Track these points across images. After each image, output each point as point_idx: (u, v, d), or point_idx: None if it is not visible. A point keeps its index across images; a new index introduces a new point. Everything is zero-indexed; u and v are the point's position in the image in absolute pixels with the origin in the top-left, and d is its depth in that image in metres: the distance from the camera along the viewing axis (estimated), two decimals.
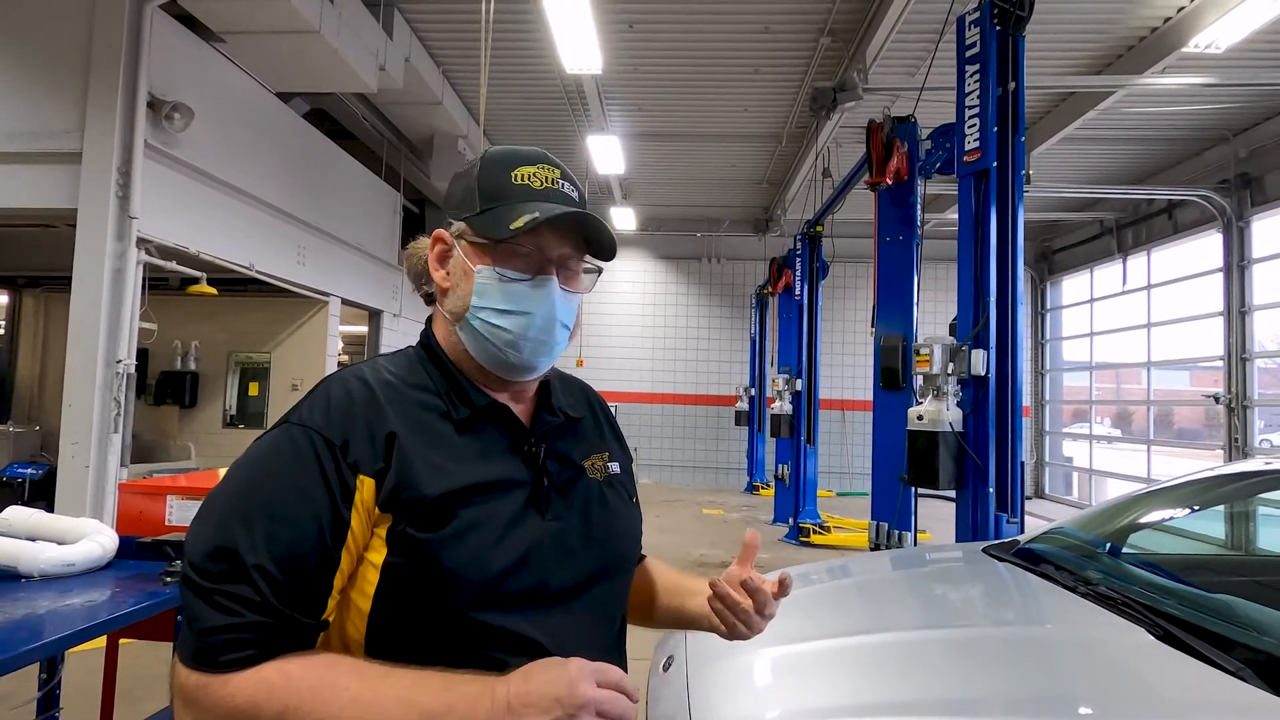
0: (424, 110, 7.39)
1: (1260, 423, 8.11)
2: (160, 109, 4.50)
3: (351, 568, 0.76)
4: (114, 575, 1.96)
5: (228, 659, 0.68)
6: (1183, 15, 5.69)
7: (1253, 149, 7.76)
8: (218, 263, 5.24)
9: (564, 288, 0.87)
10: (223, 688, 0.68)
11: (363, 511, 0.75)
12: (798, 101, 7.46)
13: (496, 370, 0.87)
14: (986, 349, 3.55)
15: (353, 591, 0.76)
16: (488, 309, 0.84)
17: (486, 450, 0.83)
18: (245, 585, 0.70)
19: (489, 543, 0.77)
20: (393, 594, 0.75)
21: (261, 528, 0.72)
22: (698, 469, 12.41)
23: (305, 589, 0.72)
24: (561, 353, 0.90)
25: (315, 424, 0.78)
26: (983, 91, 3.59)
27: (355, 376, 0.84)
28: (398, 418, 0.80)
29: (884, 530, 4.56)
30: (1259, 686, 1.21)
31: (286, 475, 0.75)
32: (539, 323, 0.84)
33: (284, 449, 0.77)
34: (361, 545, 0.76)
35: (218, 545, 0.71)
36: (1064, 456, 11.96)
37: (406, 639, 0.76)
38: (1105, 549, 2.14)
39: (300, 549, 0.72)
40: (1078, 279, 11.51)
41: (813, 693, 1.44)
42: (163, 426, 7.40)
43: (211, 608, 0.69)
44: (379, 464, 0.77)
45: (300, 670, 0.69)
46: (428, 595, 0.75)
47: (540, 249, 0.85)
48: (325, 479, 0.75)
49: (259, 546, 0.71)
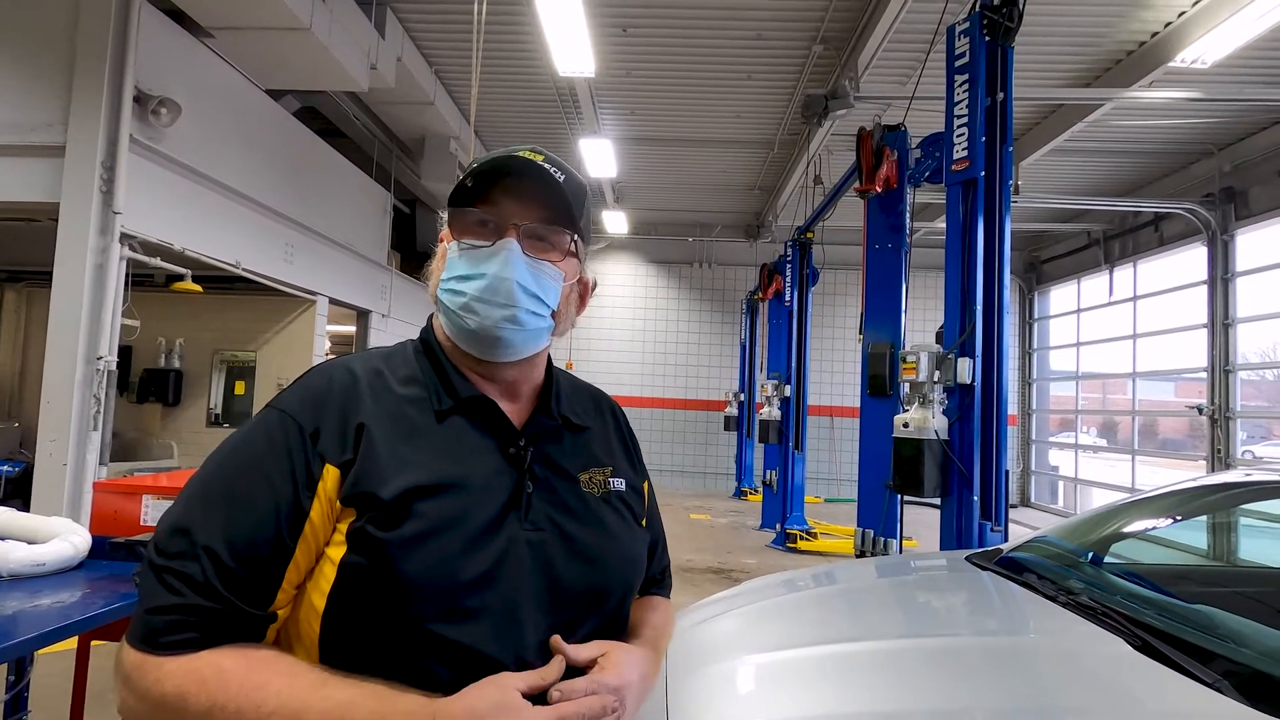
0: (416, 110, 7.37)
1: (1242, 434, 8.20)
2: (147, 103, 4.45)
3: (309, 563, 0.73)
4: (86, 576, 1.92)
5: (168, 640, 0.67)
6: (1170, 30, 5.76)
7: (1237, 163, 7.87)
8: (204, 260, 5.19)
9: (529, 254, 0.82)
10: (156, 670, 0.66)
11: (324, 502, 0.73)
12: (790, 108, 7.49)
13: (464, 344, 0.84)
14: (973, 357, 3.56)
15: (310, 587, 0.73)
16: (451, 278, 0.83)
17: (466, 446, 0.80)
18: (194, 563, 0.68)
19: (454, 549, 0.73)
20: (347, 595, 0.72)
21: (219, 509, 0.71)
22: (686, 474, 12.41)
23: (253, 576, 0.70)
24: (546, 331, 0.86)
25: (290, 408, 0.77)
26: (971, 101, 3.61)
27: (342, 365, 0.82)
28: (374, 408, 0.78)
29: (870, 537, 4.56)
30: (1236, 699, 1.20)
31: (254, 458, 0.74)
32: (494, 283, 0.80)
33: (258, 433, 0.76)
34: (322, 540, 0.73)
35: (176, 524, 0.70)
36: (1050, 465, 12.04)
37: (359, 643, 0.72)
38: (1087, 558, 2.14)
39: (253, 534, 0.70)
40: (1065, 289, 11.62)
41: (794, 701, 1.42)
42: (145, 425, 7.31)
43: (161, 585, 0.68)
44: (347, 455, 0.74)
45: (234, 665, 0.67)
46: (381, 601, 0.71)
47: (499, 216, 0.82)
48: (291, 465, 0.73)
49: (212, 527, 0.70)
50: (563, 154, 7.90)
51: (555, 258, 0.85)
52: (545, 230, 0.84)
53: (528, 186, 0.83)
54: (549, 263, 0.84)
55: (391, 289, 8.63)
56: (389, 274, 8.56)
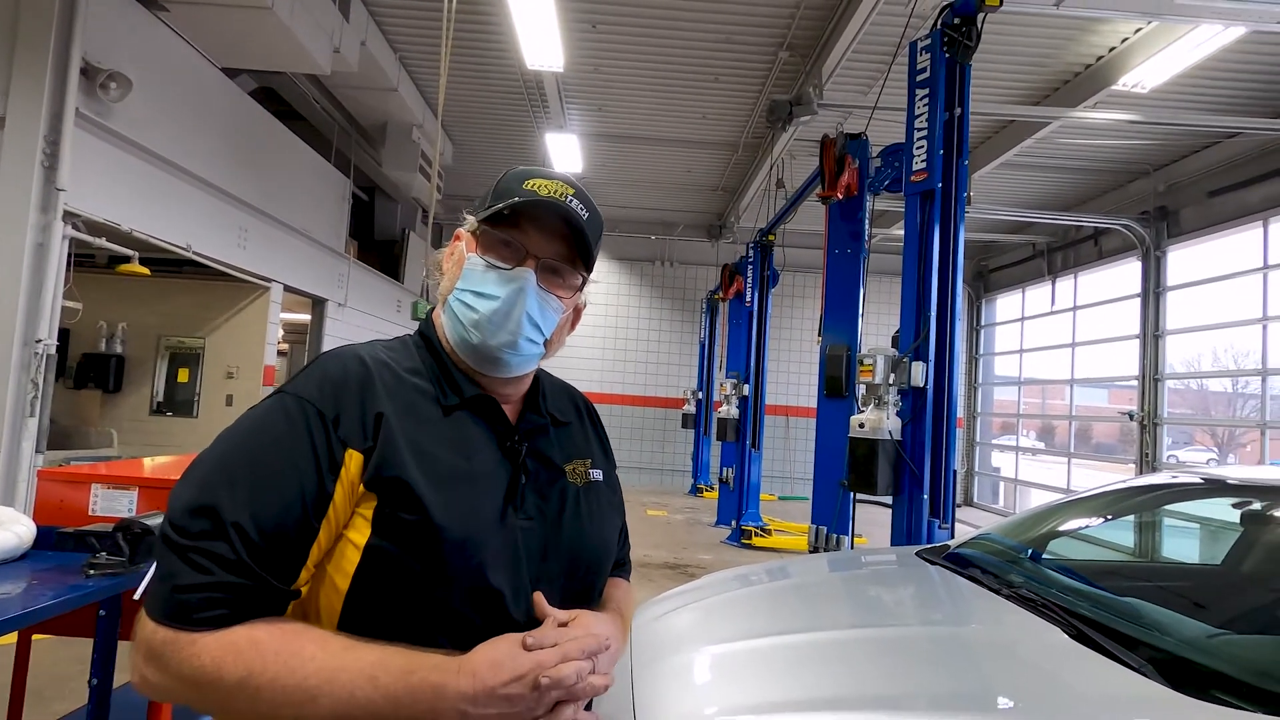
0: (379, 96, 7.22)
1: (1168, 439, 8.70)
2: (95, 77, 4.26)
3: (330, 543, 0.76)
4: (30, 567, 1.86)
5: (201, 617, 0.69)
6: (1114, 54, 6.06)
7: (1171, 184, 8.32)
8: (152, 241, 4.99)
9: (542, 287, 0.88)
10: (190, 646, 0.68)
11: (346, 486, 0.76)
12: (755, 112, 7.60)
13: (463, 353, 0.89)
14: (926, 362, 3.70)
15: (330, 568, 0.77)
16: (466, 291, 0.88)
17: (471, 441, 0.85)
18: (222, 543, 0.70)
19: (474, 534, 0.79)
20: (373, 576, 0.76)
21: (245, 489, 0.73)
22: (644, 470, 12.48)
23: (280, 554, 0.73)
24: (538, 356, 0.92)
25: (309, 395, 0.79)
26: (931, 115, 3.74)
27: (352, 354, 0.85)
28: (388, 398, 0.81)
29: (823, 534, 4.69)
30: (1159, 682, 1.31)
31: (275, 441, 0.76)
32: (505, 309, 0.86)
33: (276, 417, 0.78)
34: (342, 521, 0.77)
35: (200, 503, 0.72)
36: (992, 466, 12.53)
37: (380, 621, 0.76)
38: (1027, 554, 2.27)
39: (280, 514, 0.73)
40: (1011, 298, 12.08)
41: (752, 690, 1.48)
42: (83, 412, 6.99)
43: (187, 565, 0.70)
44: (368, 442, 0.78)
45: (267, 636, 0.70)
46: (410, 582, 0.76)
47: (524, 244, 0.88)
48: (314, 449, 0.76)
49: (240, 506, 0.72)
50: (529, 148, 7.85)
51: (563, 293, 0.91)
52: (561, 267, 0.90)
53: (554, 223, 0.88)
54: (556, 297, 0.90)
55: (349, 278, 8.44)
56: (346, 262, 8.37)
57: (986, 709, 1.33)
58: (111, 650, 1.92)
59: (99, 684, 1.88)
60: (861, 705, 1.35)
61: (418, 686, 0.69)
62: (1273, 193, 7.10)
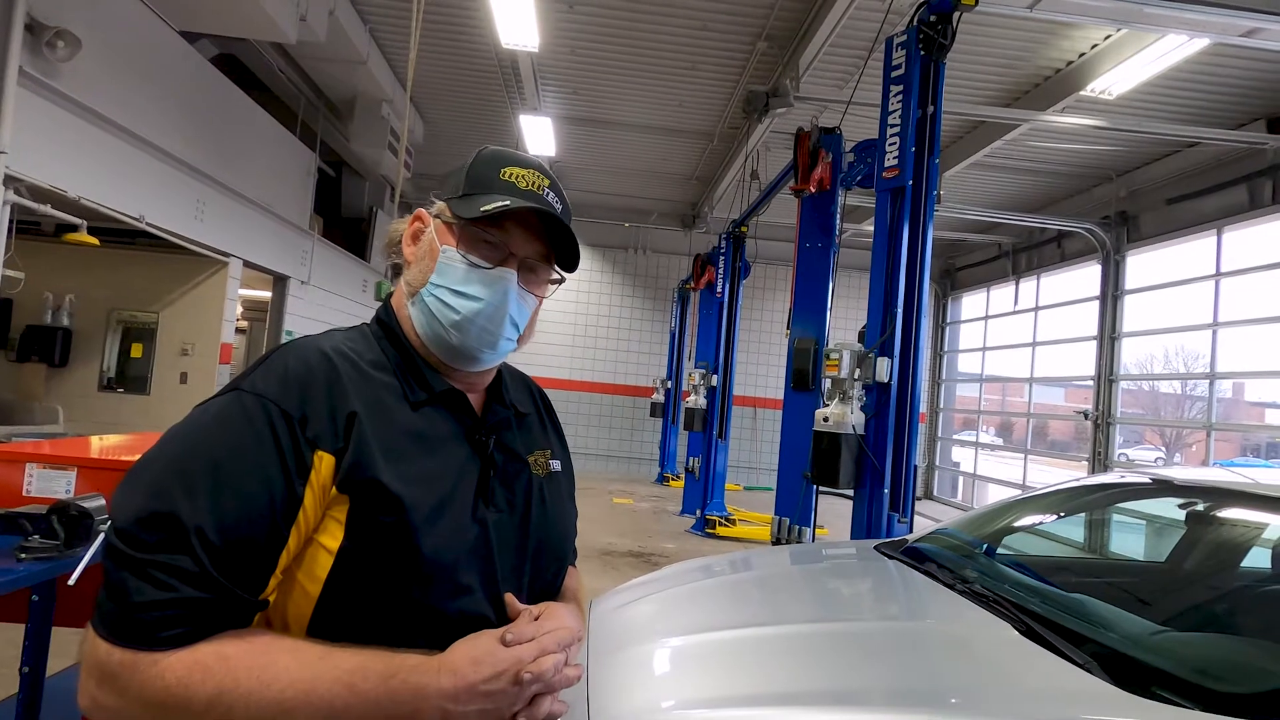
0: (347, 69, 7.00)
1: (1120, 439, 8.99)
2: (41, 34, 4.04)
3: (299, 548, 0.73)
4: None
5: (164, 635, 0.64)
6: (1083, 60, 6.16)
7: (1132, 190, 8.54)
8: (101, 210, 4.78)
9: (522, 286, 0.87)
10: (152, 666, 0.64)
11: (317, 489, 0.73)
12: (731, 102, 7.57)
13: (437, 351, 0.86)
14: (892, 358, 3.74)
15: (299, 574, 0.73)
16: (443, 288, 0.84)
17: (440, 436, 0.83)
18: (184, 555, 0.65)
19: (450, 532, 0.78)
20: (347, 580, 0.74)
21: (205, 495, 0.67)
22: (611, 458, 12.48)
23: (249, 564, 0.69)
24: (510, 352, 0.91)
25: (270, 393, 0.74)
26: (904, 112, 3.76)
27: (314, 348, 0.80)
28: (357, 396, 0.78)
29: (786, 525, 4.74)
30: (1101, 678, 1.34)
31: (236, 444, 0.71)
32: (488, 311, 0.84)
33: (234, 417, 0.73)
34: (312, 525, 0.73)
35: (153, 511, 0.66)
36: (952, 461, 12.82)
37: (354, 624, 0.74)
38: (982, 549, 2.31)
39: (248, 522, 0.68)
40: (976, 296, 12.33)
41: (708, 684, 1.48)
42: (26, 386, 6.70)
43: (145, 581, 0.65)
44: (339, 442, 0.74)
45: (236, 650, 0.66)
46: (387, 583, 0.74)
47: (506, 243, 0.86)
48: (280, 452, 0.71)
49: (201, 514, 0.67)
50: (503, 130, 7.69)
51: (540, 291, 0.91)
52: (541, 266, 0.90)
53: (538, 223, 0.87)
54: (533, 295, 0.89)
55: (313, 255, 8.22)
56: (310, 239, 8.15)
57: (936, 705, 1.34)
58: (45, 637, 1.84)
59: (30, 671, 1.81)
60: (817, 700, 1.35)
61: (398, 689, 0.68)
62: (1226, 203, 7.33)
